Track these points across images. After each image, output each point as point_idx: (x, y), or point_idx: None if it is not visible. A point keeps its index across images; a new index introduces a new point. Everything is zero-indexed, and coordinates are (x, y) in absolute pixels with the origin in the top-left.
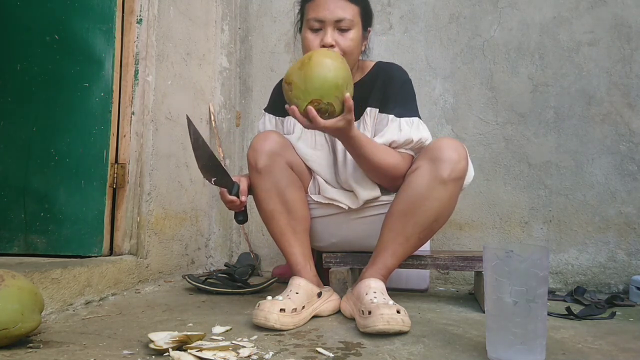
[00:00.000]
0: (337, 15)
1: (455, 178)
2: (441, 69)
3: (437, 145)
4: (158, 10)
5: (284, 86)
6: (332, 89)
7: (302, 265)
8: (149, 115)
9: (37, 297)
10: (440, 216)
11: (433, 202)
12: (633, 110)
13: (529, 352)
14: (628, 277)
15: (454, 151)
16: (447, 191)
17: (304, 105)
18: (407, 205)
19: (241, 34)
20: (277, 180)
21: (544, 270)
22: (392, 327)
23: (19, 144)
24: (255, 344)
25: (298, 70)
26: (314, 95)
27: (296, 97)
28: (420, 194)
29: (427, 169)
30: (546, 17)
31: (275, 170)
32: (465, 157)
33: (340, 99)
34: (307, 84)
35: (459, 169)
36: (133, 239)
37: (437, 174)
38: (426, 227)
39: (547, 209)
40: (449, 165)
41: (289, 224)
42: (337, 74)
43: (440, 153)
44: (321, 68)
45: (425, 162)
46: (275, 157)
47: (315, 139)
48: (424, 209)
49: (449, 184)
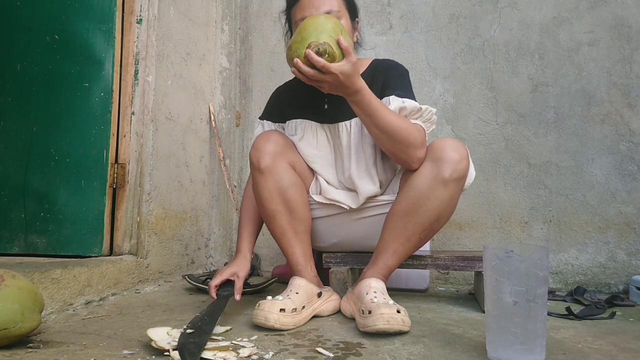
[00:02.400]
0: (323, 9)
1: (457, 178)
2: (441, 69)
3: (439, 146)
4: (158, 10)
5: (286, 55)
6: (325, 32)
7: (303, 266)
8: (149, 115)
9: (37, 297)
10: (442, 216)
11: (434, 202)
12: (633, 110)
13: (529, 352)
14: (628, 277)
15: (456, 151)
16: (449, 191)
17: (303, 53)
18: (409, 205)
19: (241, 34)
20: (279, 180)
21: (544, 270)
22: (392, 326)
23: (19, 144)
24: (255, 344)
25: (295, 35)
26: (310, 40)
27: (296, 50)
28: (421, 194)
29: (429, 169)
30: (546, 17)
31: (278, 170)
32: (466, 157)
33: (335, 40)
34: (303, 35)
35: (461, 169)
36: (133, 239)
37: (438, 174)
38: (427, 226)
39: (547, 209)
40: (451, 165)
41: (290, 224)
42: (329, 20)
43: (442, 153)
44: (314, 19)
45: (426, 162)
46: (278, 157)
47: (317, 139)
48: (425, 209)
49: (450, 184)
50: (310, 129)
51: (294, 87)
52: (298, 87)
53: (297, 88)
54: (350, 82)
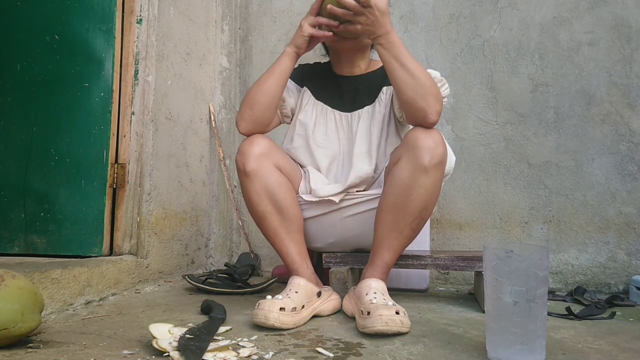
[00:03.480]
0: None
1: (436, 164)
2: (441, 69)
3: (413, 135)
4: (158, 10)
5: (322, 13)
6: None
7: (299, 264)
8: (149, 115)
9: (37, 297)
10: (429, 203)
11: (419, 191)
12: (633, 110)
13: (529, 352)
14: (628, 277)
15: (430, 137)
16: (431, 178)
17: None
18: (395, 197)
19: (241, 34)
20: (266, 181)
21: (544, 270)
22: (390, 328)
23: (19, 144)
24: (255, 344)
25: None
26: None
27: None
28: (405, 184)
29: (407, 159)
30: (546, 17)
31: (264, 172)
32: (441, 142)
33: None
34: None
35: (438, 154)
36: (133, 239)
37: (417, 162)
38: (417, 215)
39: (547, 209)
40: (428, 152)
41: (281, 224)
42: None
43: (416, 141)
44: None
45: (404, 153)
46: (263, 159)
47: (327, 124)
48: (412, 199)
49: (431, 171)
50: (322, 113)
51: (313, 69)
52: (317, 69)
53: (315, 70)
54: (384, 20)
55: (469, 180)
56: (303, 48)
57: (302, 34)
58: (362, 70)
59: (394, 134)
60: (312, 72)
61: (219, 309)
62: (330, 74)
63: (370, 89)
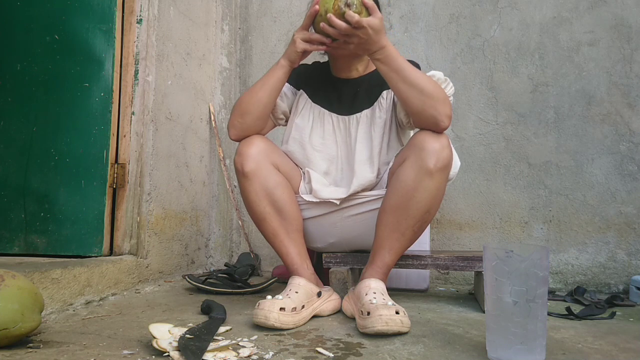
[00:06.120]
0: None
1: (442, 167)
2: (441, 69)
3: (419, 138)
4: (158, 10)
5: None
6: None
7: (299, 265)
8: (149, 115)
9: (37, 297)
10: (432, 207)
11: (423, 194)
12: (633, 110)
13: (529, 352)
14: (628, 277)
15: (436, 141)
16: (435, 182)
17: (331, 6)
18: (398, 199)
19: (241, 34)
20: (265, 182)
21: (544, 270)
22: (390, 328)
23: (19, 144)
24: (255, 344)
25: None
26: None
27: (324, 5)
28: (409, 186)
29: (413, 161)
30: (546, 17)
31: (262, 172)
32: (447, 145)
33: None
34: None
35: (444, 157)
36: (133, 239)
37: (422, 165)
38: (419, 218)
39: (547, 209)
40: (434, 155)
41: (281, 224)
42: None
43: (423, 144)
44: None
45: (410, 155)
46: (261, 159)
47: (324, 128)
48: (415, 202)
49: (435, 175)
50: (319, 117)
51: (312, 70)
52: (315, 71)
53: (313, 71)
54: (378, 37)
55: (469, 180)
56: (297, 62)
57: (295, 50)
58: (361, 73)
59: (396, 139)
60: (309, 74)
61: (219, 309)
62: (328, 76)
63: (369, 92)
